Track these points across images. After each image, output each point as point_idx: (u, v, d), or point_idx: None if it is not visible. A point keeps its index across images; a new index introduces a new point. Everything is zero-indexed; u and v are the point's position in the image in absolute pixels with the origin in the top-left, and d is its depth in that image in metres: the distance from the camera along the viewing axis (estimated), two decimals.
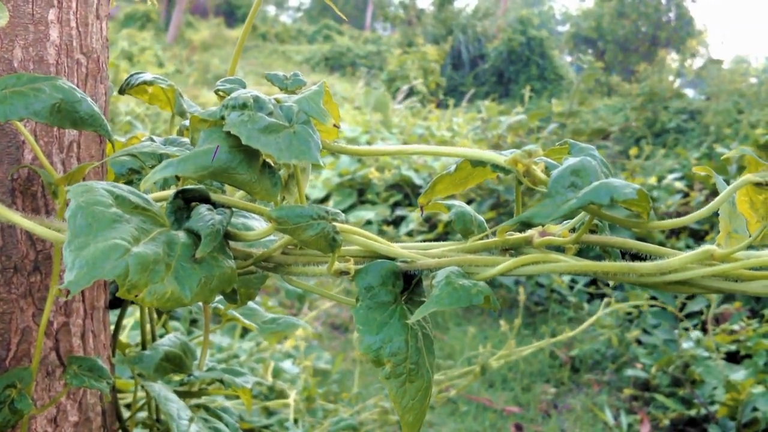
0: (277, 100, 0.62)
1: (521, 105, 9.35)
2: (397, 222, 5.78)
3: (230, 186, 0.69)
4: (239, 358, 2.46)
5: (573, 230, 0.65)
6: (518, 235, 0.64)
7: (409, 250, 0.64)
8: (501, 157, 0.60)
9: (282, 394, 2.31)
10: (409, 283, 0.65)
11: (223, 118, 0.58)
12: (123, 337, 1.66)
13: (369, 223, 5.78)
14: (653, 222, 0.59)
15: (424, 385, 0.61)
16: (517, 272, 0.62)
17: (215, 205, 0.64)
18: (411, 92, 13.96)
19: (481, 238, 0.65)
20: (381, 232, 5.51)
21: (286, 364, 2.49)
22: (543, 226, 0.64)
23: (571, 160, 0.59)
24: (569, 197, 0.56)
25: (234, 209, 0.70)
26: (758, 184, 0.59)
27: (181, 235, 0.58)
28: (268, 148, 0.56)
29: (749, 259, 0.58)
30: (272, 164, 0.62)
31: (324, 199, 6.39)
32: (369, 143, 7.65)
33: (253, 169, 0.58)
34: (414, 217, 5.46)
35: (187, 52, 19.09)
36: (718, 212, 0.64)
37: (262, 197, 0.60)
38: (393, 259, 0.64)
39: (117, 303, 1.10)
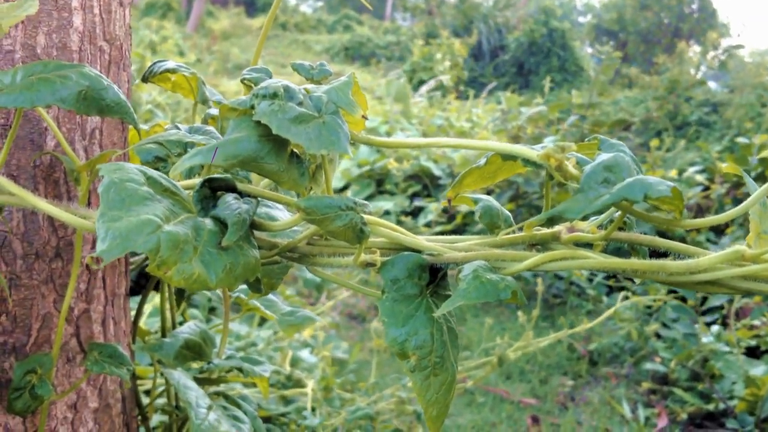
0: (306, 91, 0.61)
1: (541, 96, 9.29)
2: (415, 213, 5.77)
3: (257, 175, 0.69)
4: (257, 346, 2.47)
5: (600, 227, 0.64)
6: (546, 230, 0.63)
7: (436, 243, 0.63)
8: (533, 152, 0.59)
9: (299, 383, 2.32)
10: (434, 277, 0.64)
11: (252, 107, 0.57)
12: (141, 323, 1.67)
13: (387, 213, 5.79)
14: (686, 220, 0.58)
15: (449, 379, 0.61)
16: (545, 268, 0.61)
17: (241, 194, 0.64)
18: (437, 85, 13.91)
19: (508, 233, 0.64)
20: (399, 223, 5.51)
21: (304, 354, 2.50)
22: (571, 222, 0.63)
23: (604, 156, 0.58)
24: (602, 193, 0.55)
25: (259, 199, 0.69)
26: None
27: (207, 222, 0.58)
28: (297, 138, 0.56)
29: None
30: (300, 154, 0.61)
31: (343, 189, 6.39)
32: (389, 134, 7.64)
33: (282, 158, 0.58)
34: (433, 208, 5.45)
35: (207, 42, 19.16)
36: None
37: (290, 187, 0.59)
38: (419, 252, 0.63)
39: (137, 290, 1.10)
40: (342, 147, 0.57)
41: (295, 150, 0.60)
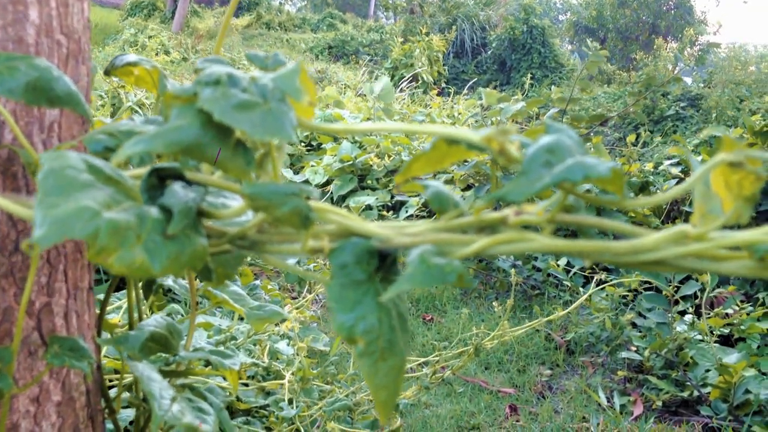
0: (253, 78, 0.62)
1: (521, 93, 9.34)
2: (396, 207, 5.80)
3: (207, 164, 0.69)
4: (237, 339, 2.48)
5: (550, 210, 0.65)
6: (494, 214, 0.64)
7: (385, 229, 0.64)
8: (475, 136, 0.59)
9: (279, 375, 2.33)
10: (384, 262, 0.65)
11: (196, 94, 0.57)
12: (119, 317, 1.67)
13: (369, 208, 5.81)
14: (626, 201, 0.59)
15: (398, 364, 0.61)
16: (492, 251, 0.62)
17: (190, 183, 0.64)
18: (414, 79, 13.95)
19: (456, 217, 0.64)
20: (381, 217, 5.55)
21: (282, 345, 2.51)
22: (519, 204, 0.63)
23: (546, 139, 0.58)
24: (543, 175, 0.56)
25: (214, 189, 0.69)
26: (732, 164, 0.59)
27: (153, 211, 0.58)
28: (240, 125, 0.56)
29: (723, 239, 0.58)
30: (246, 142, 0.62)
31: (325, 184, 6.43)
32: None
33: (226, 146, 0.58)
34: (414, 203, 5.48)
35: (192, 41, 19.14)
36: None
37: (236, 175, 0.60)
38: (368, 237, 0.64)
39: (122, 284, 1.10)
40: (286, 134, 0.57)
41: (241, 138, 0.61)
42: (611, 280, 3.79)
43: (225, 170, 0.59)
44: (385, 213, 5.58)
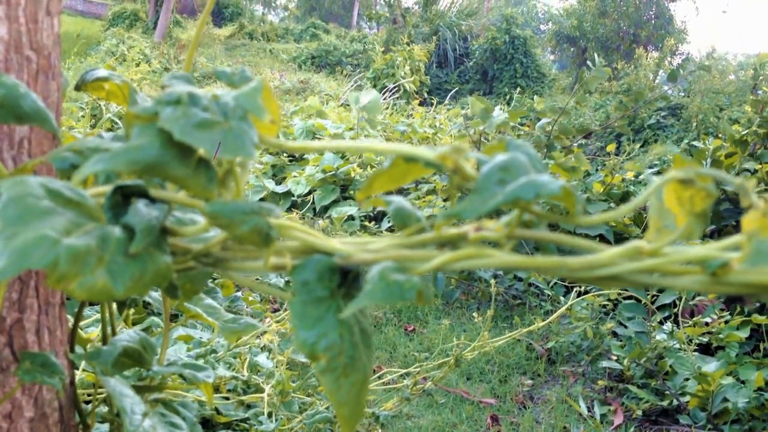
0: (215, 96, 0.62)
1: (505, 103, 9.40)
2: (378, 218, 5.82)
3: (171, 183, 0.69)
4: (217, 353, 2.47)
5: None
6: (454, 230, 0.65)
7: (347, 246, 0.65)
8: (431, 153, 0.60)
9: (259, 388, 2.33)
10: (346, 278, 0.66)
11: (156, 114, 0.58)
12: (97, 331, 1.67)
13: (351, 218, 5.83)
14: (578, 217, 0.60)
15: (360, 379, 0.62)
16: (452, 267, 0.63)
17: (154, 200, 0.64)
18: (397, 90, 14.02)
19: (417, 232, 0.65)
20: (363, 227, 5.55)
21: (261, 358, 2.50)
22: (478, 221, 0.65)
23: (500, 157, 0.60)
24: (496, 193, 0.57)
25: (182, 207, 0.70)
26: (683, 181, 0.61)
27: (116, 231, 0.58)
28: (201, 143, 0.57)
29: (676, 255, 0.60)
30: (209, 161, 0.62)
31: (308, 195, 6.44)
32: (353, 140, 7.69)
33: (187, 164, 0.59)
34: None
35: (174, 51, 19.15)
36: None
37: (197, 193, 0.60)
38: (331, 254, 0.65)
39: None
40: (247, 152, 0.58)
41: (204, 156, 0.61)
42: (592, 290, 3.81)
43: (187, 188, 0.60)
44: (367, 223, 5.60)
